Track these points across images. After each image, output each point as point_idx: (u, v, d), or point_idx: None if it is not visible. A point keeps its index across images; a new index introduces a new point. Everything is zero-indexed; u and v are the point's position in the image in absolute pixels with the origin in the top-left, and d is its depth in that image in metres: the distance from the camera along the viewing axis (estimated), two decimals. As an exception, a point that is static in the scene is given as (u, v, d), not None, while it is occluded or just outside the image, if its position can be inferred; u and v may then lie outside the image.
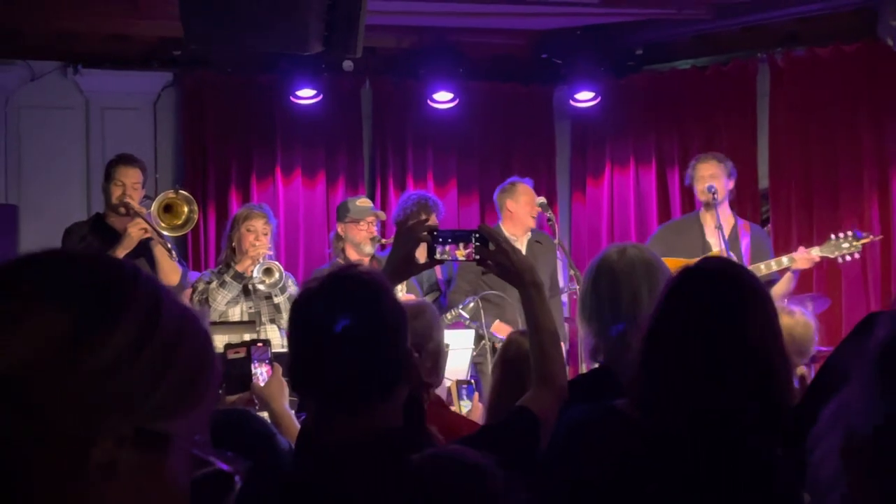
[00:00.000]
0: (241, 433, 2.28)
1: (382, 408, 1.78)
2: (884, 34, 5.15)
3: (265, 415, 2.69)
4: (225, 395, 2.81)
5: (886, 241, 6.12)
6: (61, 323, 0.80)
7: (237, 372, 2.80)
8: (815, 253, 5.29)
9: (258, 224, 4.91)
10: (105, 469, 0.80)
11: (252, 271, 4.81)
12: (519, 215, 5.62)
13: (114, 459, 0.80)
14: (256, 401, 2.74)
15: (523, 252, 5.55)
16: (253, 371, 2.81)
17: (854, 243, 5.28)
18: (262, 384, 2.73)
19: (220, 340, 3.61)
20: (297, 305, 1.86)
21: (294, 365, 1.82)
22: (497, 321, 5.00)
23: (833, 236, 5.34)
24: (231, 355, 2.84)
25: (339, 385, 1.76)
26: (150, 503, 0.83)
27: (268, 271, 4.81)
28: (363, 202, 5.53)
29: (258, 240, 4.88)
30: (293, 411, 2.70)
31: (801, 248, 5.38)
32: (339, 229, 5.44)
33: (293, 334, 1.83)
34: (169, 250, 4.91)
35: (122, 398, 0.81)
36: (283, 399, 2.67)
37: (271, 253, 5.05)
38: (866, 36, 6.04)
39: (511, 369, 3.13)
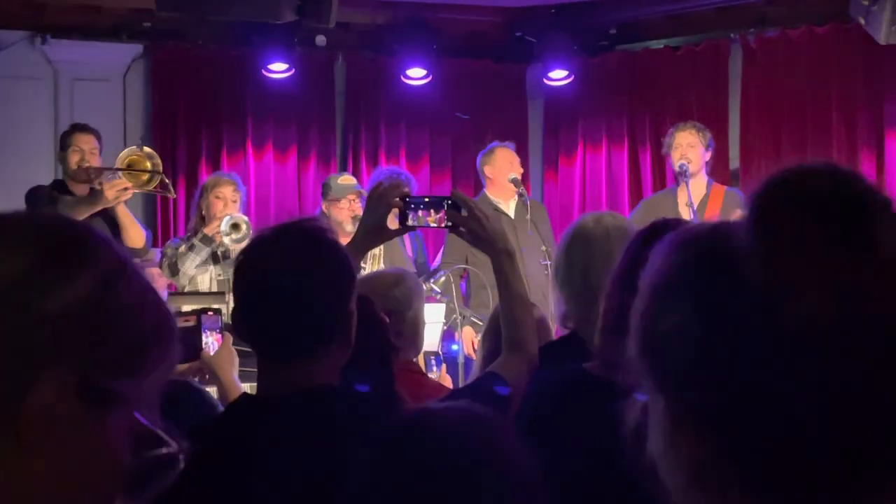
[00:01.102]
0: (181, 404, 2.27)
1: (315, 365, 1.77)
2: (856, 14, 5.18)
3: (213, 388, 2.67)
4: None
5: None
6: (17, 264, 0.80)
7: (186, 341, 2.77)
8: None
9: (227, 191, 4.86)
10: (42, 418, 0.77)
11: (220, 230, 4.74)
12: (498, 180, 5.62)
13: (52, 406, 0.78)
14: (206, 370, 2.71)
15: (511, 215, 5.58)
16: (203, 340, 2.78)
17: None
18: (211, 353, 2.70)
19: (188, 310, 3.58)
20: (244, 252, 1.85)
21: (236, 312, 1.82)
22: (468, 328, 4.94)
23: None
24: (181, 323, 2.81)
25: (272, 336, 1.76)
26: (85, 464, 0.81)
27: (235, 226, 4.74)
28: (345, 179, 5.45)
29: (227, 207, 4.83)
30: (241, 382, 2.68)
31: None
32: (323, 207, 5.39)
33: (237, 281, 1.82)
34: (167, 186, 4.87)
35: (69, 349, 0.79)
36: (233, 369, 2.65)
37: None
38: (838, 17, 6.08)
39: (498, 341, 3.12)
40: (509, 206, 5.61)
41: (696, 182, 5.53)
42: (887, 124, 6.23)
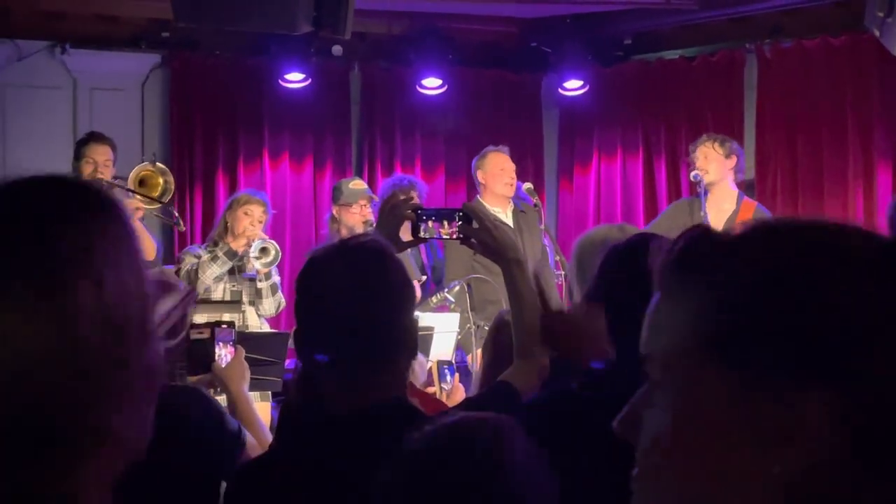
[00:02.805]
0: (189, 410, 2.29)
1: (385, 377, 1.80)
2: (870, 25, 5.18)
3: (223, 398, 2.69)
4: (186, 375, 2.81)
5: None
6: None
7: (199, 352, 2.79)
8: None
9: (256, 210, 4.91)
10: None
11: (247, 249, 4.79)
12: (490, 186, 5.52)
13: None
14: (217, 383, 2.73)
15: (510, 223, 5.57)
16: (217, 352, 2.80)
17: None
18: (223, 366, 2.73)
19: (202, 319, 3.61)
20: (304, 272, 1.87)
21: (299, 331, 1.84)
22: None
23: None
24: (194, 335, 2.83)
25: (340, 353, 1.78)
26: None
27: (264, 250, 4.80)
28: (356, 184, 5.48)
29: (254, 224, 4.88)
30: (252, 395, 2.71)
31: None
32: (334, 211, 5.41)
33: (300, 301, 1.85)
34: (174, 219, 4.91)
35: None
36: (243, 382, 2.67)
37: (264, 235, 5.03)
38: (853, 28, 6.07)
39: (501, 350, 3.13)
40: (507, 215, 5.55)
41: (722, 192, 5.50)
42: (903, 135, 6.22)
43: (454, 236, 2.33)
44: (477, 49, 7.13)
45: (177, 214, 5.13)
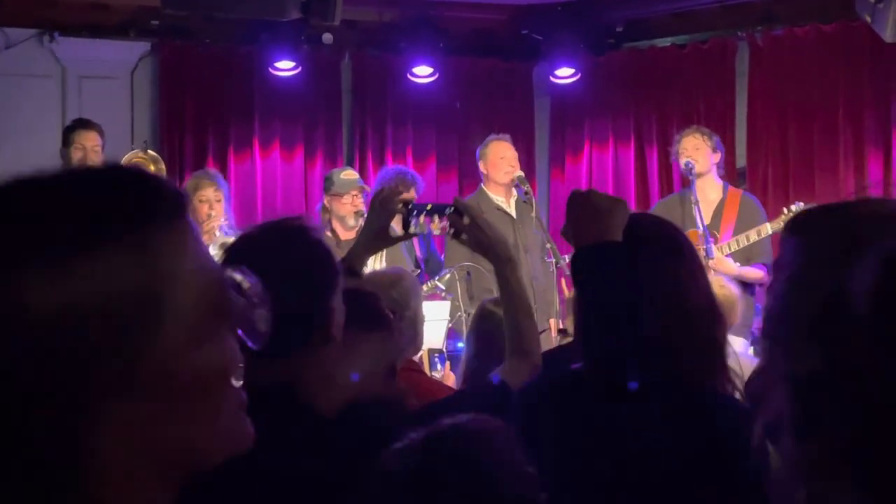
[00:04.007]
0: None
1: (297, 362, 1.77)
2: (862, 11, 5.17)
3: None
4: None
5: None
6: None
7: None
8: (768, 230, 5.27)
9: (209, 192, 4.81)
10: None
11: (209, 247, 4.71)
12: (492, 175, 5.53)
13: None
14: None
15: (513, 213, 5.55)
16: None
17: None
18: None
19: None
20: (226, 250, 1.88)
21: None
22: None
23: (785, 210, 5.32)
24: None
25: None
26: None
27: (224, 246, 4.73)
28: (348, 174, 5.44)
29: (212, 208, 4.78)
30: None
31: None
32: (325, 201, 5.38)
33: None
34: None
35: None
36: None
37: (226, 222, 4.90)
38: (844, 15, 6.06)
39: (485, 339, 3.13)
40: (510, 204, 5.54)
41: (707, 184, 5.51)
42: (894, 122, 6.22)
43: (445, 231, 2.31)
44: (468, 37, 7.10)
45: None
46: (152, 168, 5.06)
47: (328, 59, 6.91)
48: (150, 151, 5.14)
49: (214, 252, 4.67)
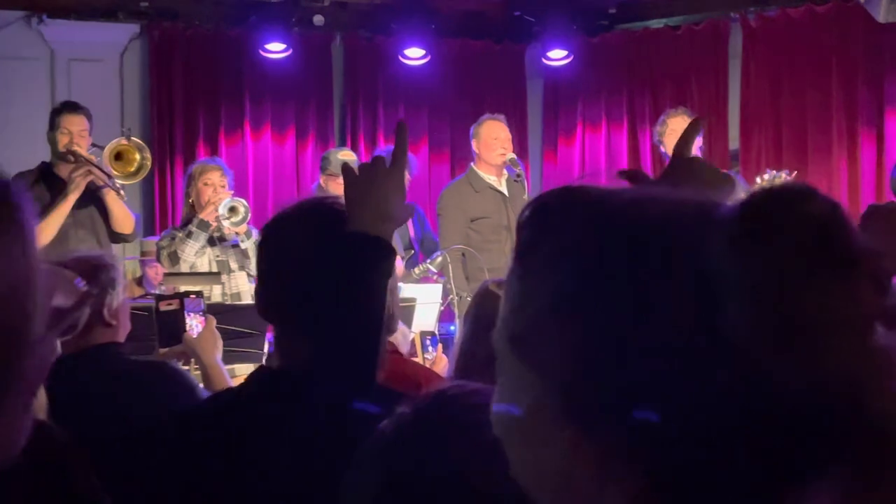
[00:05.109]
0: (160, 384, 2.25)
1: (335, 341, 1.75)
2: (855, -8, 5.15)
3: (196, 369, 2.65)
4: (158, 347, 2.76)
5: (854, 201, 6.15)
6: None
7: (170, 324, 2.74)
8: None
9: (214, 177, 4.80)
10: None
11: (218, 216, 4.70)
12: (484, 155, 5.49)
13: None
14: (189, 353, 2.67)
15: (504, 192, 5.50)
16: (188, 323, 2.75)
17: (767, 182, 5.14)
18: (194, 336, 2.67)
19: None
20: (264, 228, 1.82)
21: (258, 286, 1.79)
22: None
23: (758, 179, 5.26)
24: (163, 307, 2.78)
25: (289, 309, 1.73)
26: None
27: (233, 209, 4.70)
28: (345, 155, 5.39)
29: (216, 192, 4.78)
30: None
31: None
32: (322, 181, 5.35)
33: (259, 255, 1.80)
34: (118, 191, 4.81)
35: None
36: (216, 351, 2.61)
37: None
38: (838, -4, 6.05)
39: (484, 322, 3.09)
40: (501, 183, 5.50)
41: None
42: (887, 103, 6.20)
43: None
44: (460, 19, 7.06)
45: (112, 175, 4.95)
46: (137, 156, 5.01)
47: (319, 40, 6.87)
48: (134, 139, 5.08)
49: (223, 211, 4.65)
